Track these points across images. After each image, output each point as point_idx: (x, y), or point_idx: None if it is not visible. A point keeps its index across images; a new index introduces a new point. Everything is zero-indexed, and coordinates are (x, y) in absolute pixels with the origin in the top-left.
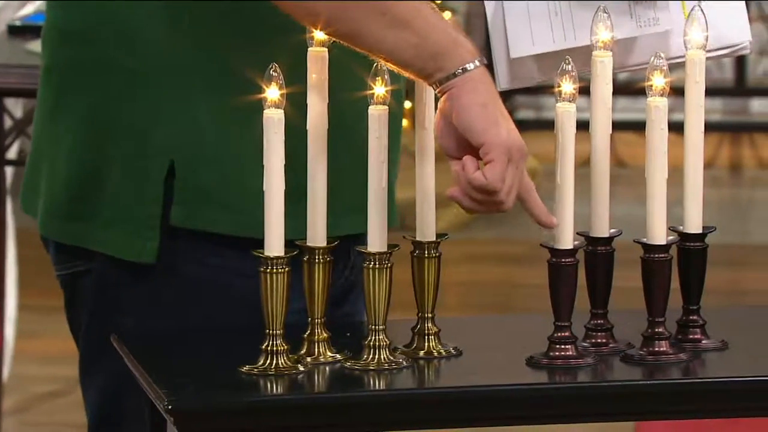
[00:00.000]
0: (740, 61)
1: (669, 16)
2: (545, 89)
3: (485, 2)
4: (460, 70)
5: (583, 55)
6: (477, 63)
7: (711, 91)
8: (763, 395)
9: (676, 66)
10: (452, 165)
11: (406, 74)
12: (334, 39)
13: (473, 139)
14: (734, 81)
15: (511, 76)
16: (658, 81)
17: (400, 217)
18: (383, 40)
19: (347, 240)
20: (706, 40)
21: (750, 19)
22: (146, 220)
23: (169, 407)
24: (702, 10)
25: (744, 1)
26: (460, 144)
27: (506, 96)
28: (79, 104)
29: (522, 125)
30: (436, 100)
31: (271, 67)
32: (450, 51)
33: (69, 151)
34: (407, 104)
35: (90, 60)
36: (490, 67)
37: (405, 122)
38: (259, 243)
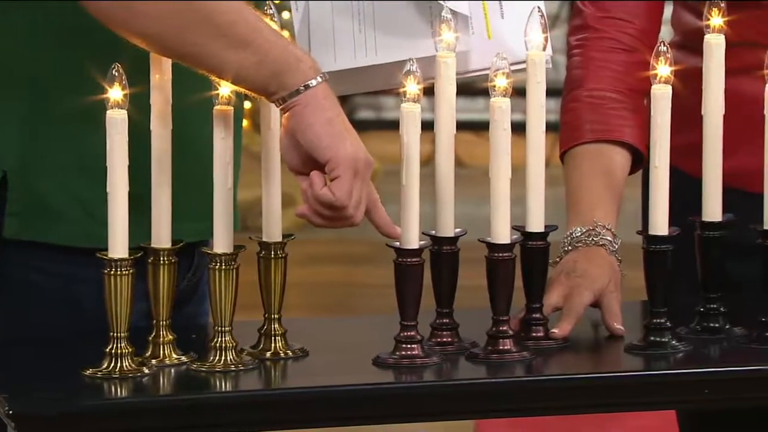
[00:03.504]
0: None
1: (467, 38)
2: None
3: (293, 16)
4: (302, 87)
5: (384, 72)
6: (319, 79)
7: (546, 92)
8: (604, 391)
9: (479, 78)
10: (299, 182)
11: (251, 94)
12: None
13: (319, 156)
14: None
15: None
16: (501, 82)
17: (240, 218)
18: (224, 61)
19: (191, 242)
20: (546, 41)
21: None
22: None
23: (10, 412)
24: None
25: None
26: (306, 160)
27: (344, 97)
28: None
29: (361, 126)
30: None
31: (114, 68)
32: (292, 68)
33: None
34: (247, 104)
35: None
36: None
37: (245, 122)
38: (99, 251)
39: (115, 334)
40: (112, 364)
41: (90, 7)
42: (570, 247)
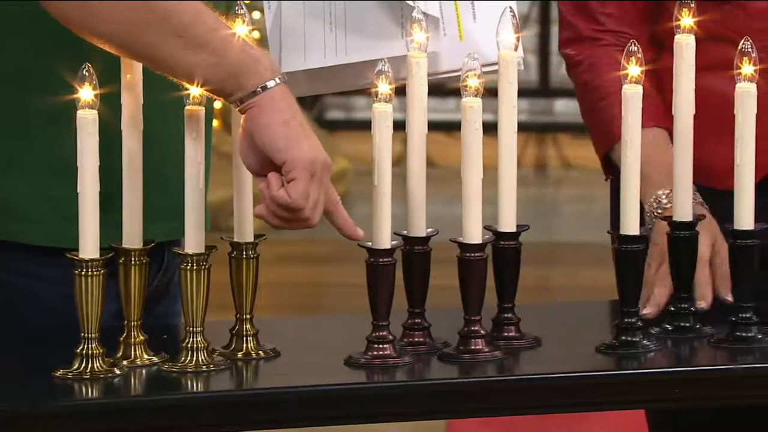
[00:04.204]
0: (544, 63)
1: (437, 41)
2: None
3: (265, 15)
4: (259, 89)
5: (354, 71)
6: (277, 80)
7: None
8: (576, 391)
9: (450, 79)
10: (258, 183)
11: (209, 94)
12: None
13: (275, 158)
14: (538, 82)
15: None
16: (473, 82)
17: (211, 218)
18: (181, 62)
19: (161, 242)
20: (518, 41)
21: (551, 21)
22: None
23: None
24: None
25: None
26: (263, 162)
27: (315, 97)
28: None
29: (332, 126)
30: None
31: (84, 68)
32: (249, 70)
33: None
34: (217, 104)
35: None
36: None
37: (215, 122)
38: (71, 251)
39: (85, 335)
40: (83, 365)
41: (49, 7)
42: (661, 210)
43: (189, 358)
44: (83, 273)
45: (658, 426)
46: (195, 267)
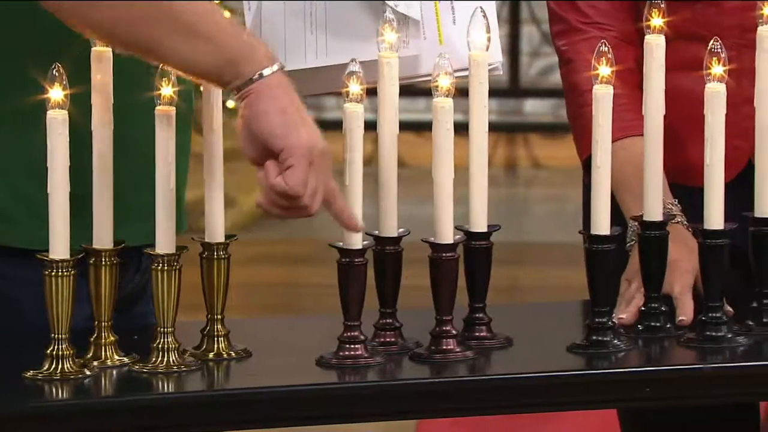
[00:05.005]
0: (514, 63)
1: (418, 42)
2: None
3: (245, 16)
4: (257, 76)
5: (334, 74)
6: (275, 68)
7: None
8: (547, 390)
9: (427, 82)
10: (258, 172)
11: (205, 83)
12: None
13: (273, 145)
14: (508, 82)
15: None
16: (444, 82)
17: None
18: (177, 51)
19: (138, 245)
20: (489, 41)
21: (521, 21)
22: None
23: None
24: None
25: (497, 23)
26: (263, 151)
27: None
28: None
29: None
30: (224, 102)
31: (54, 68)
32: (246, 57)
33: None
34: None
35: None
36: None
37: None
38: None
39: (56, 336)
40: (53, 366)
41: None
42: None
43: (160, 358)
44: (53, 274)
45: (631, 425)
46: (166, 267)
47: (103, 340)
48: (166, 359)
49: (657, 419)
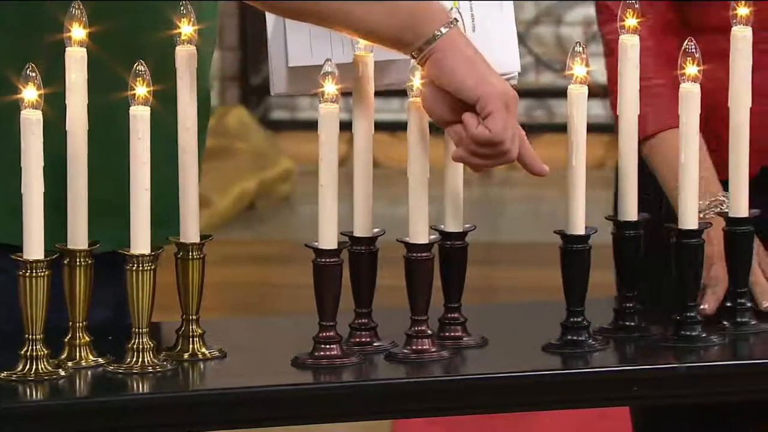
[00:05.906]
0: None
1: None
2: None
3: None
4: (438, 33)
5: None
6: (451, 23)
7: None
8: (522, 390)
9: None
10: (449, 131)
11: (384, 47)
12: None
13: (468, 97)
14: None
15: (287, 83)
16: (418, 82)
17: None
18: (352, 16)
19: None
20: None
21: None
22: None
23: None
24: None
25: (517, 32)
26: (453, 107)
27: (260, 97)
28: None
29: (276, 126)
30: (200, 101)
31: (28, 67)
32: (423, 17)
33: None
34: None
35: None
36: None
37: None
38: (19, 250)
39: (30, 336)
40: (27, 367)
41: None
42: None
43: (135, 359)
44: (27, 274)
45: (643, 423)
46: (140, 268)
47: (77, 341)
48: (141, 360)
49: (669, 416)
